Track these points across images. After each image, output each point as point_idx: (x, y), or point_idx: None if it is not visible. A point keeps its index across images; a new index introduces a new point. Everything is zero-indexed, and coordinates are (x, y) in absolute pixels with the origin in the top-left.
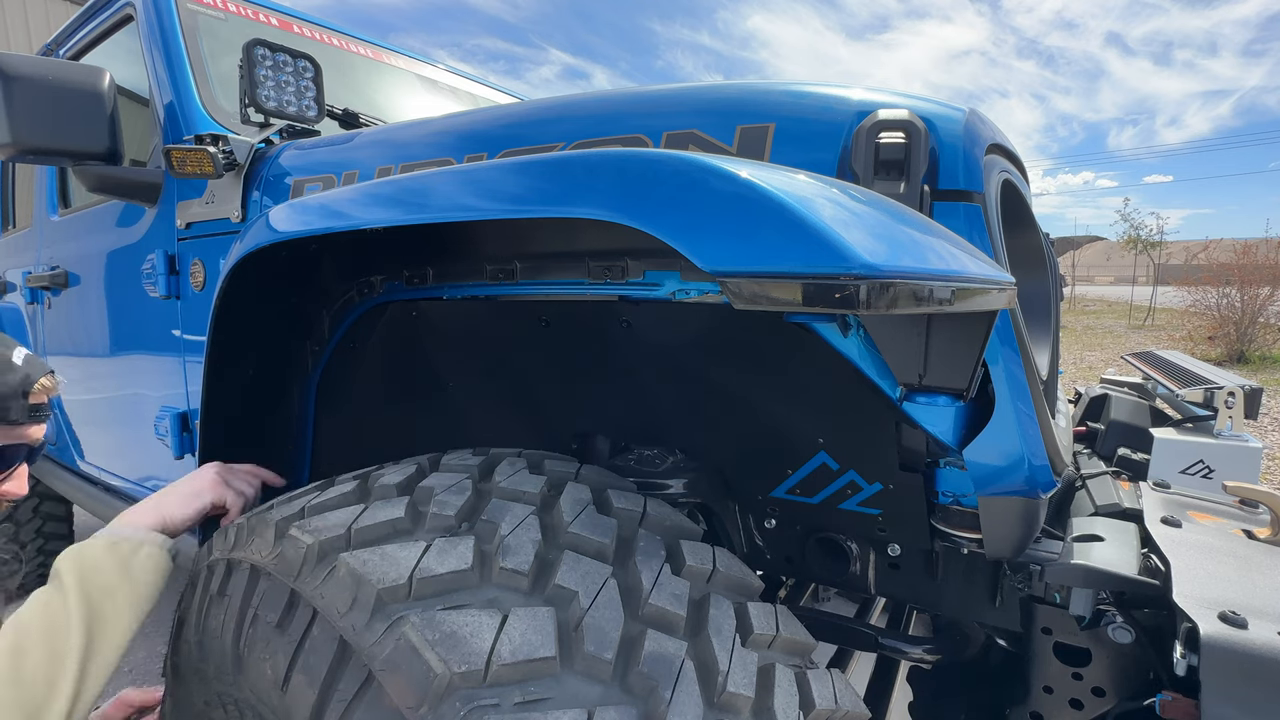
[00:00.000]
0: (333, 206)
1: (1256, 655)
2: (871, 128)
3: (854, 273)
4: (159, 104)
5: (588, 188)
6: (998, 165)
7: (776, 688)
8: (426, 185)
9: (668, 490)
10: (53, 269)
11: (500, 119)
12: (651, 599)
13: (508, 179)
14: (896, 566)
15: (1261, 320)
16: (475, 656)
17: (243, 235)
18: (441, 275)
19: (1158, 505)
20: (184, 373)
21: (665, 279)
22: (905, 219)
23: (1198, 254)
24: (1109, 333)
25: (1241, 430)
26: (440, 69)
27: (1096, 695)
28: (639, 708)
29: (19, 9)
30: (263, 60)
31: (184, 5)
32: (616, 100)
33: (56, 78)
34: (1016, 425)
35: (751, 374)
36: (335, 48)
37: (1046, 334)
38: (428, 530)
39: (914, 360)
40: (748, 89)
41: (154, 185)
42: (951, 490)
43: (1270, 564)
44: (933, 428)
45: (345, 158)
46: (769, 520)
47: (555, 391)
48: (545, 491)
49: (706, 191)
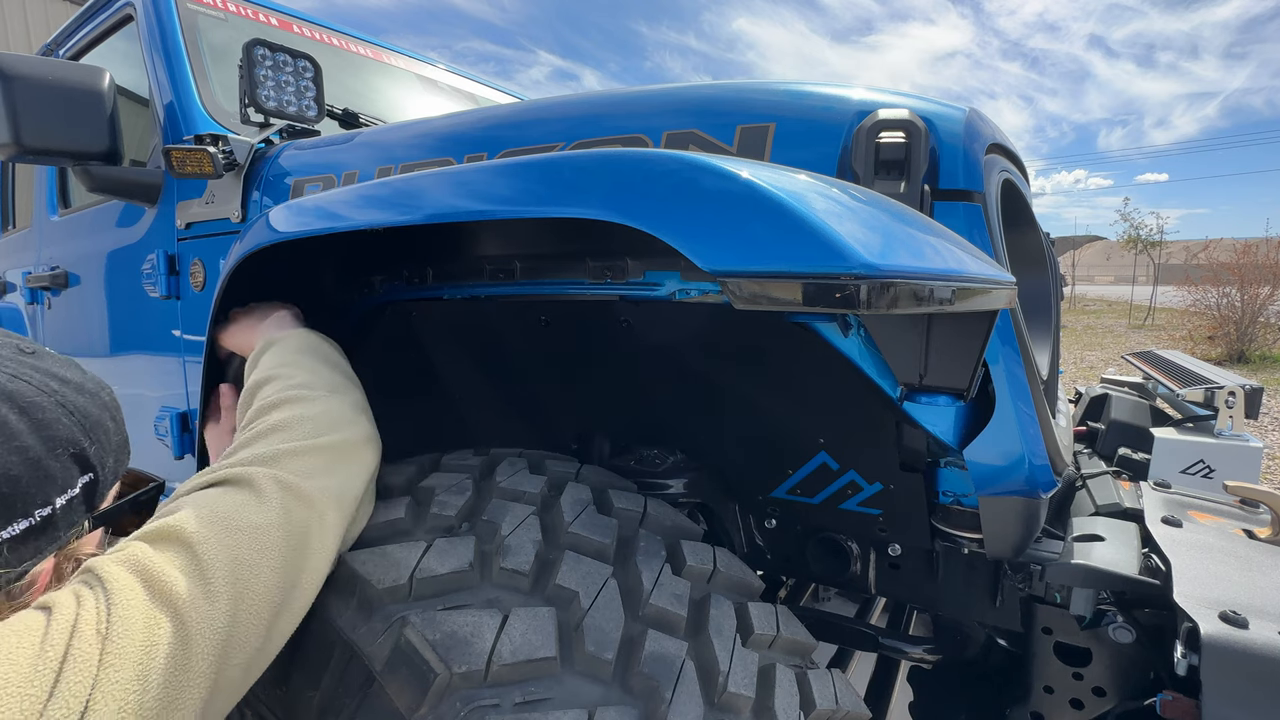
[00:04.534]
0: (329, 207)
1: (1257, 655)
2: (872, 127)
3: (854, 272)
4: (159, 104)
5: (579, 188)
6: (998, 165)
7: (777, 688)
8: (420, 187)
9: (668, 490)
10: (53, 269)
11: (499, 119)
12: (652, 599)
13: (500, 180)
14: (897, 566)
15: (1262, 320)
16: (476, 656)
17: (242, 236)
18: (441, 275)
19: (1158, 505)
20: (184, 373)
21: (665, 279)
22: (906, 218)
23: (1198, 254)
24: (1109, 332)
25: (1242, 430)
26: (440, 69)
27: (1097, 695)
28: (639, 708)
29: (19, 9)
30: (263, 60)
31: (184, 5)
32: (616, 100)
33: (56, 78)
34: (1017, 425)
35: (752, 374)
36: (335, 47)
37: (1047, 334)
38: (428, 530)
39: (914, 360)
40: (748, 89)
41: (154, 185)
42: (952, 490)
43: (1271, 564)
44: (933, 427)
45: (345, 158)
46: (769, 520)
47: (555, 391)
48: (545, 491)
49: (706, 191)
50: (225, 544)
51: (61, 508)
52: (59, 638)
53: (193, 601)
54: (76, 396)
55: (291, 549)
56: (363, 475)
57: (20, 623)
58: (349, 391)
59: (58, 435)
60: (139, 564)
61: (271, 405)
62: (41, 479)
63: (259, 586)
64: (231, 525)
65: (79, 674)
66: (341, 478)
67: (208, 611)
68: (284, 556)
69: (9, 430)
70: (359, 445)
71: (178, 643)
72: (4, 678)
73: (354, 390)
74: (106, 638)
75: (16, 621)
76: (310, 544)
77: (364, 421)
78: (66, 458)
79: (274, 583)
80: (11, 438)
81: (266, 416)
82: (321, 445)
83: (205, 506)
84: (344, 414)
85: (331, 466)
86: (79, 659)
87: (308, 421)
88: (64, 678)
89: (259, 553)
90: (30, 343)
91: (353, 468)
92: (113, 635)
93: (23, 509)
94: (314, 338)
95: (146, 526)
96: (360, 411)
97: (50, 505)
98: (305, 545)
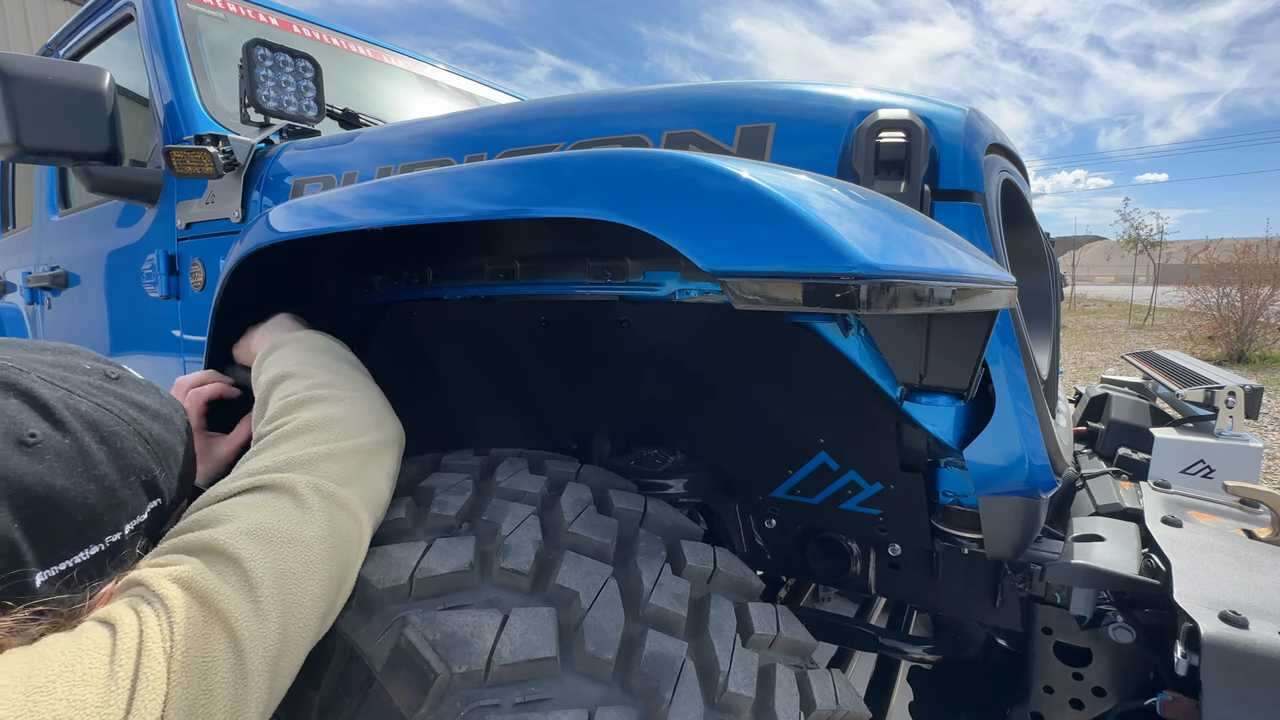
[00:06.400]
0: (329, 207)
1: (1257, 655)
2: (872, 127)
3: (854, 272)
4: (159, 104)
5: (579, 188)
6: (998, 165)
7: (777, 688)
8: (418, 187)
9: (668, 490)
10: (53, 269)
11: (499, 119)
12: (652, 599)
13: (499, 180)
14: (897, 566)
15: (1262, 320)
16: (476, 656)
17: (242, 236)
18: (441, 275)
19: (1158, 505)
20: (184, 373)
21: (665, 279)
22: (906, 218)
23: (1198, 254)
24: (1109, 332)
25: (1242, 430)
26: (440, 68)
27: (1097, 695)
28: (639, 708)
29: (19, 9)
30: (263, 60)
31: (184, 5)
32: (616, 100)
33: (56, 78)
34: (1017, 425)
35: (752, 374)
36: (335, 47)
37: (1047, 334)
38: (428, 530)
39: (914, 360)
40: (748, 89)
41: (154, 185)
42: (952, 490)
43: (1271, 564)
44: (933, 428)
45: (345, 158)
46: (769, 520)
47: (555, 391)
48: (546, 491)
49: (705, 191)
50: (273, 559)
51: (130, 533)
52: (127, 658)
53: (245, 621)
54: (153, 424)
55: (336, 560)
56: (390, 476)
57: (88, 640)
58: (370, 390)
59: (133, 464)
60: (192, 583)
61: (297, 403)
62: (114, 506)
63: (306, 600)
64: (278, 539)
65: (152, 693)
66: (375, 481)
67: (259, 630)
68: (329, 569)
69: (90, 459)
70: (387, 446)
71: (235, 661)
72: (80, 699)
73: (374, 389)
74: (172, 657)
75: (83, 639)
76: (351, 553)
77: (389, 421)
78: (138, 485)
79: (320, 595)
80: (91, 466)
81: (294, 415)
82: (354, 448)
83: (249, 518)
84: (370, 414)
85: (364, 470)
86: (149, 678)
87: (337, 423)
88: (137, 697)
89: (305, 565)
90: (116, 366)
91: (383, 469)
92: (177, 654)
93: (95, 535)
94: (326, 339)
95: (192, 536)
96: (385, 411)
97: (120, 531)
98: (347, 555)
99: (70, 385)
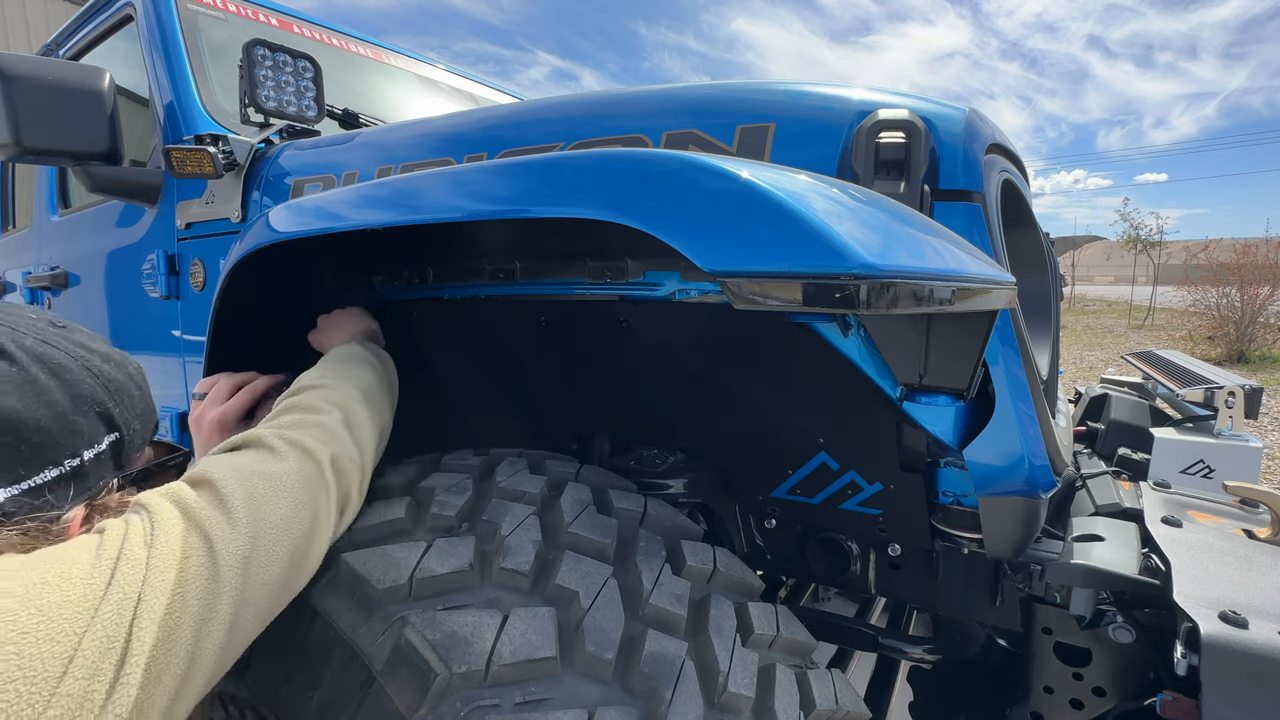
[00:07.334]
0: (329, 207)
1: (1257, 655)
2: (872, 127)
3: (854, 272)
4: (159, 104)
5: (579, 188)
6: (998, 165)
7: (777, 688)
8: (418, 187)
9: (668, 490)
10: (53, 269)
11: (499, 119)
12: (652, 599)
13: (499, 180)
14: (897, 566)
15: (1261, 320)
16: (476, 656)
17: (242, 236)
18: (441, 275)
19: (1158, 505)
20: (184, 373)
21: (665, 279)
22: (905, 219)
23: (1198, 254)
24: (1109, 332)
25: (1242, 430)
26: (440, 69)
27: (1097, 695)
28: (639, 708)
29: (19, 9)
30: (263, 60)
31: (184, 5)
32: (616, 100)
33: (56, 78)
34: (1017, 425)
35: (752, 374)
36: (335, 48)
37: (1046, 334)
38: (428, 530)
39: (914, 360)
40: (748, 89)
41: (154, 185)
42: (952, 490)
43: (1271, 564)
44: (933, 428)
45: (345, 158)
46: (769, 520)
47: (555, 391)
48: (545, 491)
49: (705, 191)
50: (243, 484)
51: (90, 461)
52: (112, 546)
53: (217, 527)
54: (102, 364)
55: (303, 492)
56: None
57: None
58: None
59: (84, 394)
60: (175, 495)
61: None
62: (69, 432)
63: (275, 519)
64: (249, 472)
65: (131, 571)
66: (345, 445)
67: (230, 534)
68: (295, 497)
69: (39, 386)
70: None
71: (208, 558)
72: (67, 572)
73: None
74: (151, 546)
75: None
76: (316, 491)
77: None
78: (93, 415)
79: (288, 517)
80: (42, 393)
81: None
82: (323, 421)
83: (226, 460)
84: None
85: (335, 437)
86: (130, 559)
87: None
88: (119, 572)
89: (273, 491)
90: (62, 319)
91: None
92: (156, 544)
93: (53, 457)
94: (353, 346)
95: (176, 481)
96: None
97: (79, 457)
98: (313, 492)
99: (14, 324)
